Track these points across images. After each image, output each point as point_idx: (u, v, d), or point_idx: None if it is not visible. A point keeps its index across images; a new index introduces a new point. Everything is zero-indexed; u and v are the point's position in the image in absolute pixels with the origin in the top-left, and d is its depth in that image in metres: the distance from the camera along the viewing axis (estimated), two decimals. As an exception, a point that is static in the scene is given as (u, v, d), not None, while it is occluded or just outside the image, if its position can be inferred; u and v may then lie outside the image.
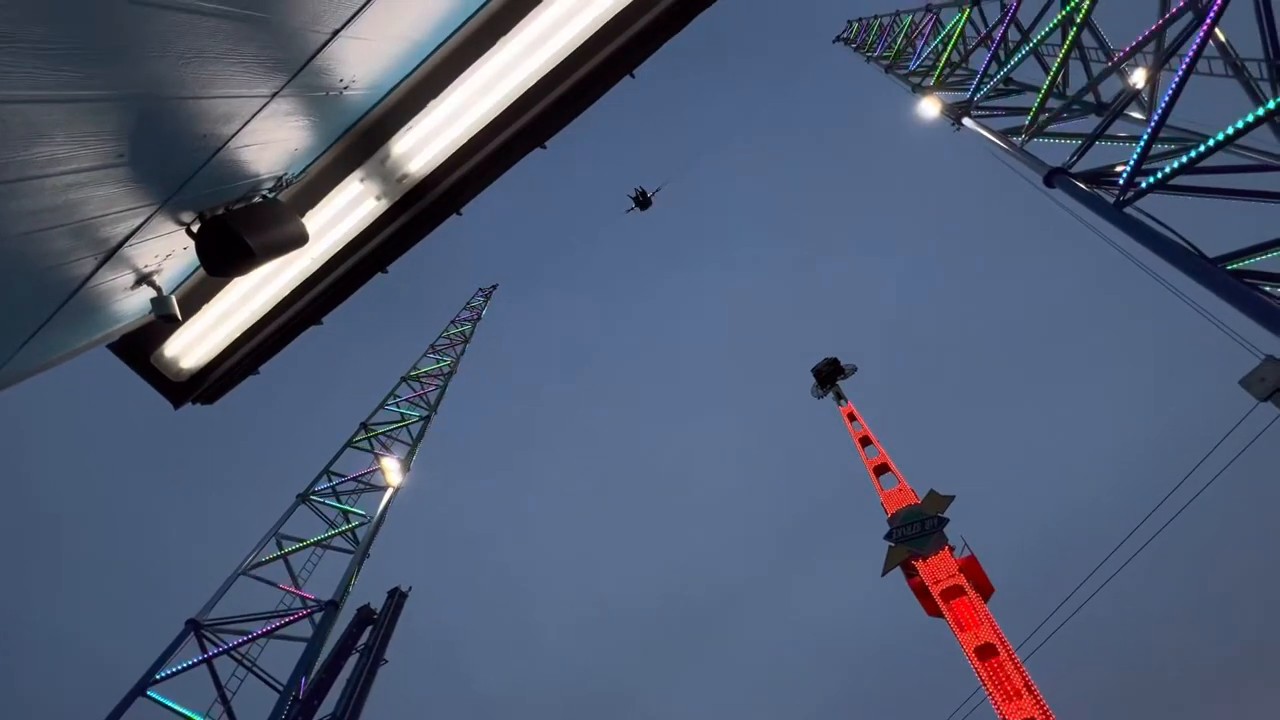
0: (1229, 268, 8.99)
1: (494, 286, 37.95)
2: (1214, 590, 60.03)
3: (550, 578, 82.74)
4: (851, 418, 29.93)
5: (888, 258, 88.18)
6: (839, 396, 31.57)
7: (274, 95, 3.29)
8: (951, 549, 22.93)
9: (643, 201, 39.15)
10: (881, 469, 27.19)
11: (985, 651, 19.71)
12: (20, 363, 4.54)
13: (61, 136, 2.33)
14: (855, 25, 29.46)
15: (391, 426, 23.22)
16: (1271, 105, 9.12)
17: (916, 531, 23.47)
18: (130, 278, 4.42)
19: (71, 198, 2.84)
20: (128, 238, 3.76)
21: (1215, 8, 9.63)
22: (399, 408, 24.40)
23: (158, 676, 13.54)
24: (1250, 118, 9.30)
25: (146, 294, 4.76)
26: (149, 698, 13.20)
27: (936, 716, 19.93)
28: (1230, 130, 9.50)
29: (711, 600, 78.18)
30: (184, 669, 13.96)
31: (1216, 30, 10.12)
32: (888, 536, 24.34)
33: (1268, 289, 8.65)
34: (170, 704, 13.16)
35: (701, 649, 76.37)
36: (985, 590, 22.19)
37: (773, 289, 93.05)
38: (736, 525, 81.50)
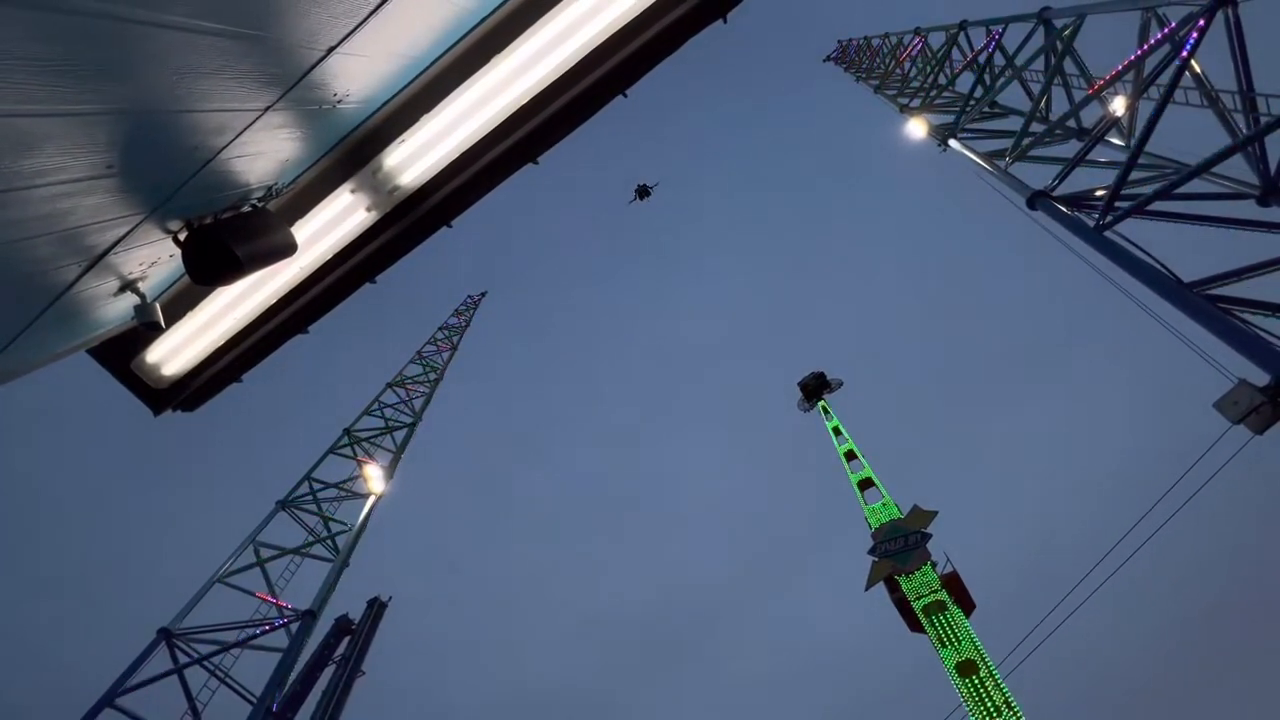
0: (1204, 292, 9.22)
1: (482, 294, 37.82)
2: (1192, 606, 60.90)
3: (532, 592, 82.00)
4: (837, 432, 30.13)
5: (878, 273, 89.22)
6: (825, 411, 31.77)
7: (267, 109, 3.30)
8: (934, 564, 23.08)
9: (643, 193, 44.27)
10: (866, 484, 27.36)
11: (966, 668, 19.81)
12: (-2, 367, 4.46)
13: (52, 149, 2.32)
14: (845, 45, 29.97)
15: (376, 433, 22.98)
16: (1244, 136, 9.43)
17: (900, 546, 23.61)
18: (114, 284, 4.37)
19: (58, 207, 2.82)
20: (113, 245, 3.73)
21: (1191, 40, 9.95)
22: (384, 414, 24.17)
23: (126, 686, 13.20)
24: (1223, 147, 9.60)
25: (130, 301, 4.71)
26: (116, 709, 12.86)
27: (918, 732, 19.94)
28: (1205, 158, 9.80)
29: (694, 615, 77.87)
30: (154, 679, 13.63)
31: (1193, 62, 10.44)
32: (871, 551, 24.45)
33: (1240, 313, 8.88)
34: (139, 715, 12.84)
35: (683, 664, 75.93)
36: (967, 606, 22.34)
37: (760, 304, 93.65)
38: (720, 539, 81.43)
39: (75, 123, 2.26)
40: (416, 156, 4.74)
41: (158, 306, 4.74)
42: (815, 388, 32.71)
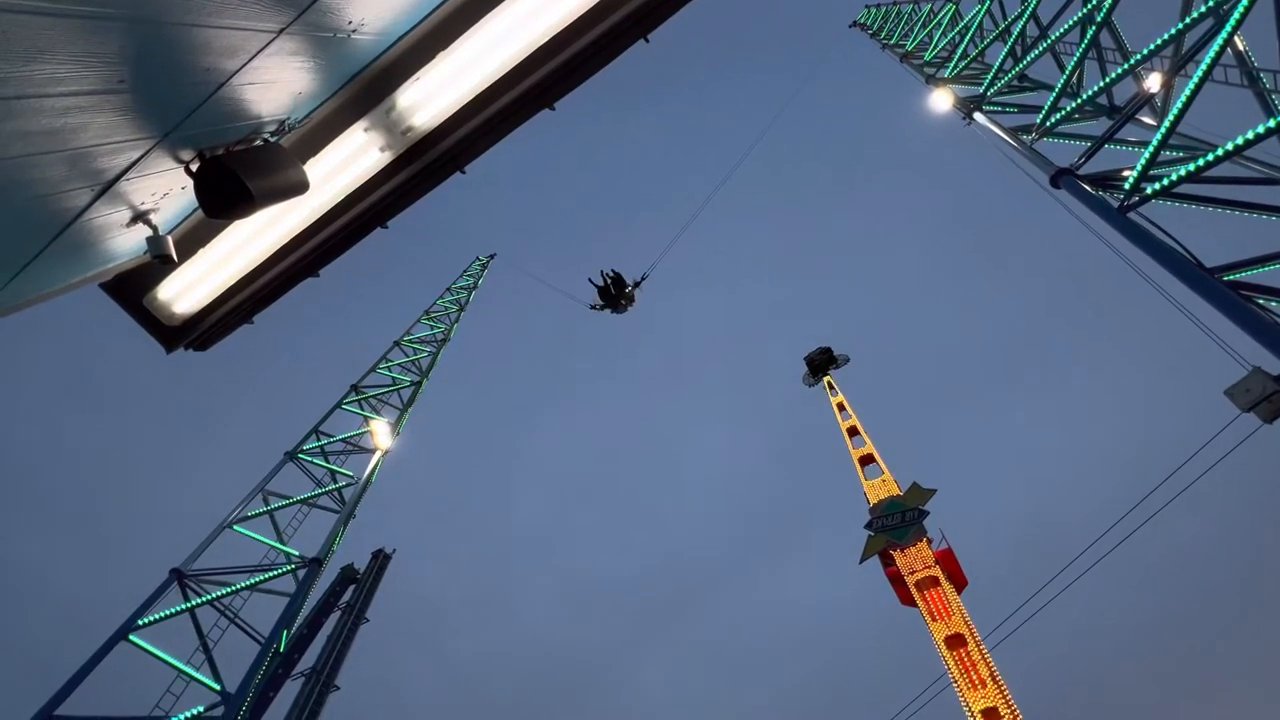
0: (1226, 278, 9.05)
1: (491, 256, 37.61)
2: (1186, 593, 61.54)
3: (533, 550, 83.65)
4: (841, 408, 30.18)
5: (887, 252, 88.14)
6: (830, 386, 31.76)
7: (281, 31, 3.22)
8: (930, 541, 23.34)
9: (612, 293, 20.59)
10: (867, 460, 27.51)
11: (954, 641, 20.19)
12: (10, 296, 4.48)
13: (63, 54, 2.27)
14: (872, 11, 29.01)
15: (383, 390, 23.17)
16: (1282, 117, 9.09)
17: (897, 522, 23.85)
18: (126, 214, 4.35)
19: (69, 122, 2.78)
20: (125, 171, 3.69)
21: (1236, 14, 9.54)
22: (391, 371, 24.33)
23: (140, 623, 13.61)
24: (1261, 129, 9.28)
25: (142, 233, 4.69)
26: (131, 643, 13.29)
27: (900, 702, 20.51)
28: (1239, 141, 9.49)
29: (690, 579, 79.38)
30: (166, 616, 14.04)
31: (1235, 38, 10.02)
32: (868, 525, 24.72)
33: (1261, 301, 8.72)
34: (153, 649, 13.26)
35: (678, 627, 77.69)
36: (959, 583, 22.65)
37: (769, 278, 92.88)
38: (721, 507, 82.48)
39: (86, 27, 2.21)
40: (431, 96, 4.63)
41: (170, 240, 4.73)
42: (822, 363, 32.63)
